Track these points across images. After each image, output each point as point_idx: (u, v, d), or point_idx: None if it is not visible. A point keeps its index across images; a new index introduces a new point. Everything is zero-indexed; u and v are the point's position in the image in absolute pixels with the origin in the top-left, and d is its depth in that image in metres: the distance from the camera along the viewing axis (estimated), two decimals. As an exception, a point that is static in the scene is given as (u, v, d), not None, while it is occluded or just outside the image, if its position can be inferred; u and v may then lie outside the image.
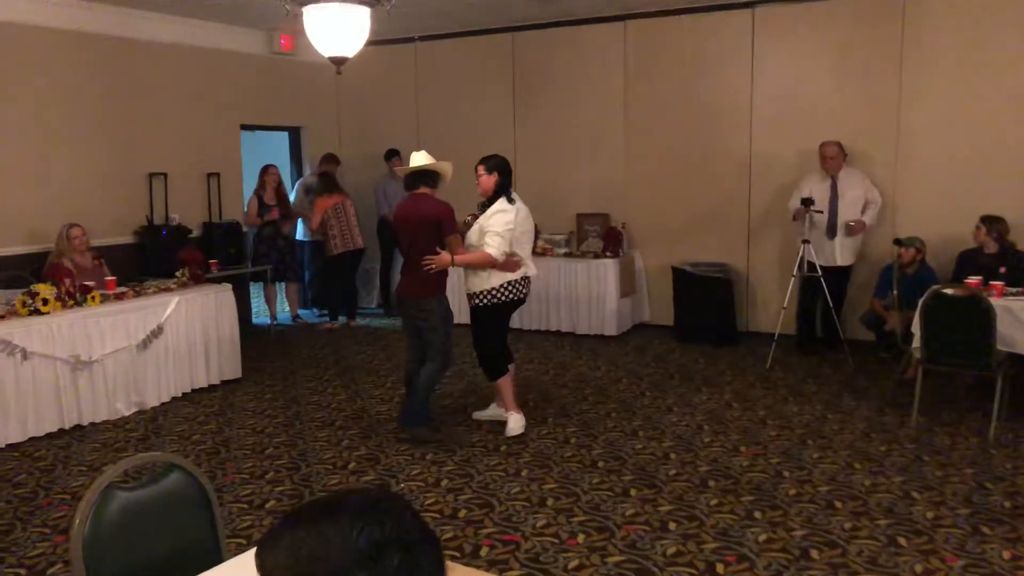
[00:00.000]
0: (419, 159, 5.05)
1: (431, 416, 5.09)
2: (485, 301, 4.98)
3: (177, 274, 6.34)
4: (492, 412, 5.36)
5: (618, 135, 8.11)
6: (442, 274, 4.96)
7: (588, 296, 7.75)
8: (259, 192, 8.18)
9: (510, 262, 4.92)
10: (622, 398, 5.84)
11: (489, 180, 5.03)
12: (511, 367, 5.19)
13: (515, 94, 8.60)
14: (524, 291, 5.08)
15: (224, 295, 6.38)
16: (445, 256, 4.83)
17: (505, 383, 5.10)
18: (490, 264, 4.85)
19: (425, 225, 4.87)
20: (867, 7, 6.94)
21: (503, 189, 5.00)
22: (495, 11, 7.75)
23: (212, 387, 6.23)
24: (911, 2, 6.77)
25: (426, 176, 5.01)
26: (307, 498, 4.22)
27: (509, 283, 4.96)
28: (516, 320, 8.07)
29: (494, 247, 4.82)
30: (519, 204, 5.02)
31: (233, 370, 6.43)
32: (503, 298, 4.98)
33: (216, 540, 2.25)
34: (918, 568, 3.35)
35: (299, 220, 8.72)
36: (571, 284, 7.82)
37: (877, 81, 6.96)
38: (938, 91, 6.76)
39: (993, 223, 5.89)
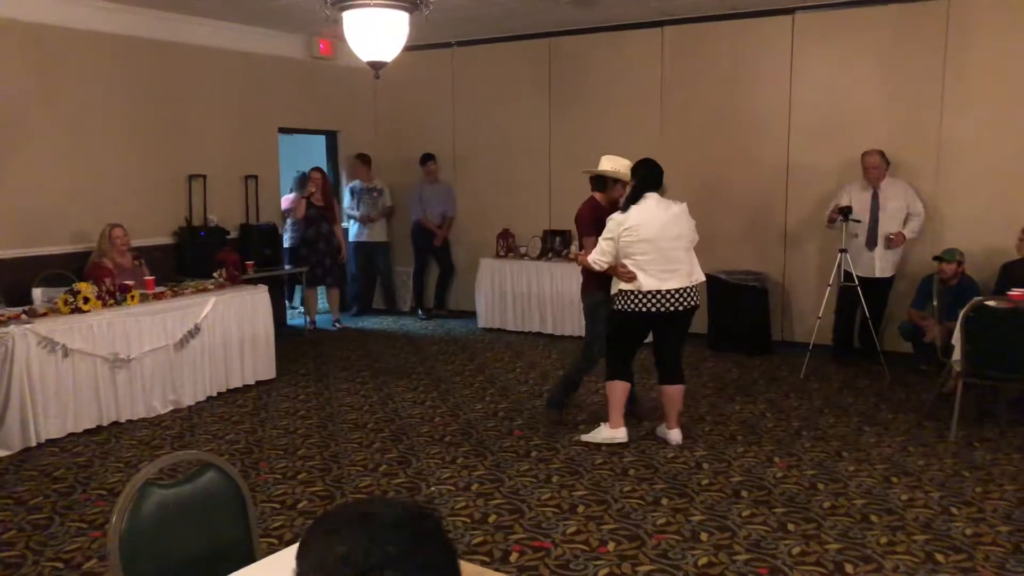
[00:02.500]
0: (602, 164, 5.28)
1: (563, 404, 5.47)
2: (613, 305, 4.94)
3: (214, 275, 6.43)
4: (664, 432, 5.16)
5: (654, 141, 8.06)
6: (595, 274, 4.97)
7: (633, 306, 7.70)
8: (306, 194, 8.27)
9: (620, 271, 4.79)
10: (654, 405, 5.80)
11: (623, 190, 5.10)
12: (626, 385, 5.04)
13: (551, 99, 8.60)
14: (646, 305, 4.75)
15: (260, 296, 6.45)
16: (574, 253, 5.37)
17: (613, 391, 4.99)
18: (588, 267, 4.96)
19: (576, 226, 5.39)
20: (910, 15, 6.83)
21: (631, 197, 4.85)
22: (532, 16, 7.76)
23: (247, 387, 6.31)
24: (955, 10, 6.65)
25: (595, 180, 5.31)
26: (338, 500, 4.25)
27: (623, 292, 4.80)
28: (549, 323, 8.13)
29: (594, 251, 4.88)
30: (639, 210, 4.74)
31: (267, 371, 6.50)
32: (620, 306, 4.85)
33: (249, 539, 2.27)
34: (956, 586, 3.28)
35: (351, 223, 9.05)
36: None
37: (919, 90, 6.84)
38: (981, 100, 6.63)
39: (1036, 234, 5.76)
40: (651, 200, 4.75)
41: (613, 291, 4.91)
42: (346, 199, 9.08)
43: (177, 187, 7.54)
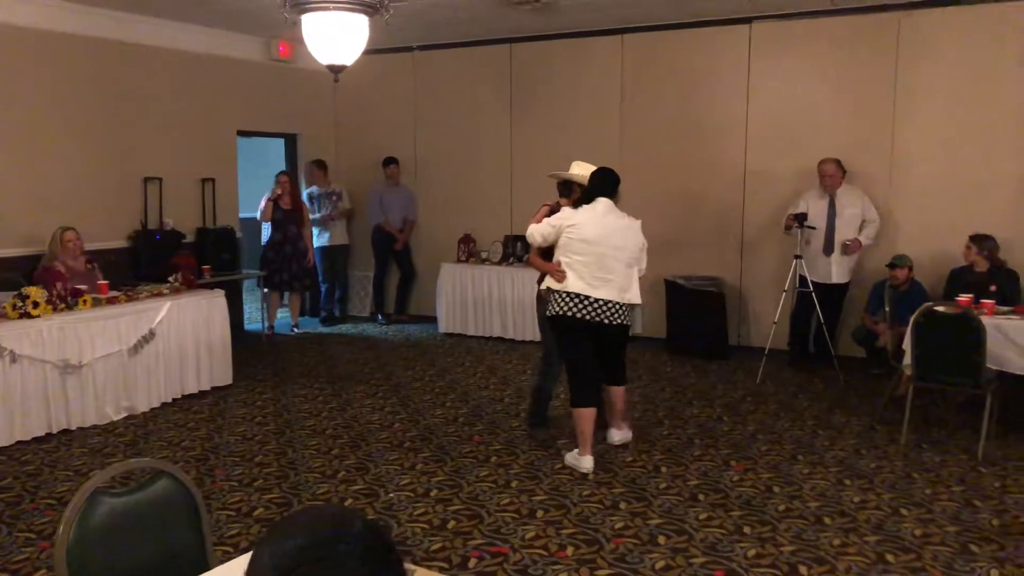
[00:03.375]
0: (572, 168, 5.15)
1: (545, 418, 5.36)
2: (547, 309, 4.77)
3: (170, 279, 6.33)
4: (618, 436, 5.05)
5: (614, 147, 8.12)
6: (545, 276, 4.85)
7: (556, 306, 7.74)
8: (274, 197, 8.19)
9: (551, 267, 4.69)
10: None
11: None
12: (591, 411, 4.70)
13: (512, 105, 8.63)
14: (572, 309, 4.58)
15: (217, 301, 6.37)
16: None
17: (577, 419, 4.68)
18: (539, 268, 4.86)
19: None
20: (863, 26, 6.98)
21: (583, 198, 4.76)
22: (493, 22, 7.78)
23: (203, 393, 6.22)
24: (906, 23, 6.82)
25: (561, 185, 5.19)
26: (295, 507, 4.21)
27: (552, 292, 4.66)
28: (510, 328, 8.13)
29: (533, 227, 4.82)
30: (586, 211, 4.64)
31: (224, 376, 6.42)
32: (551, 310, 4.68)
33: (203, 548, 2.24)
34: (906, 586, 3.35)
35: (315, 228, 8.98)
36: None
37: (872, 100, 7.00)
38: (931, 111, 6.80)
39: (982, 242, 5.92)
40: (601, 205, 4.65)
41: (543, 287, 4.85)
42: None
43: (132, 189, 7.41)
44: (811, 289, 6.56)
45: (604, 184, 4.73)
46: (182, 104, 7.81)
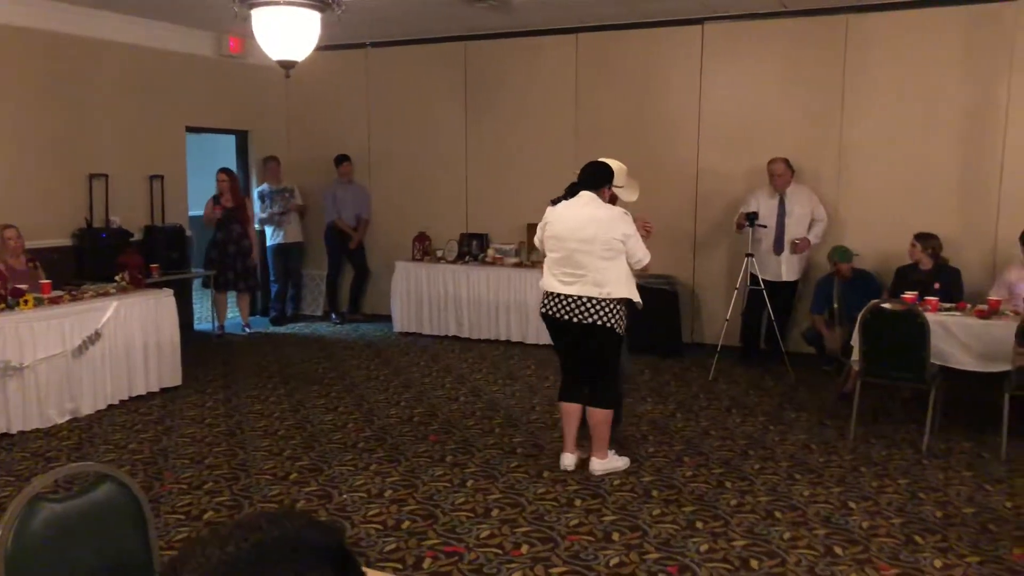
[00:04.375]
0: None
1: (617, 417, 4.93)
2: None
3: (116, 278, 6.18)
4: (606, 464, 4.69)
5: (569, 146, 8.16)
6: None
7: (537, 306, 7.74)
8: (216, 196, 8.04)
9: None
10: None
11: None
12: (568, 406, 4.65)
13: (467, 102, 8.60)
14: (546, 307, 4.57)
15: (165, 300, 6.24)
16: None
17: (561, 412, 4.70)
18: None
19: None
20: (812, 27, 7.11)
21: (566, 193, 4.59)
22: (448, 19, 7.75)
23: (151, 395, 6.08)
24: (853, 25, 6.96)
25: None
26: (246, 509, 4.14)
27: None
28: (465, 327, 8.11)
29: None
30: (563, 206, 4.51)
31: (173, 377, 6.29)
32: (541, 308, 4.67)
33: (149, 553, 2.19)
34: (854, 577, 3.42)
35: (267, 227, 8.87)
36: (520, 293, 7.84)
37: (821, 99, 7.13)
38: (877, 111, 6.95)
39: (926, 240, 6.07)
40: (581, 199, 4.46)
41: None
42: (256, 204, 8.87)
43: (76, 186, 7.22)
44: (762, 287, 6.67)
45: (585, 177, 4.54)
46: (129, 99, 7.64)
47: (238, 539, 0.93)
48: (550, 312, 4.52)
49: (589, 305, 4.38)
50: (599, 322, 4.37)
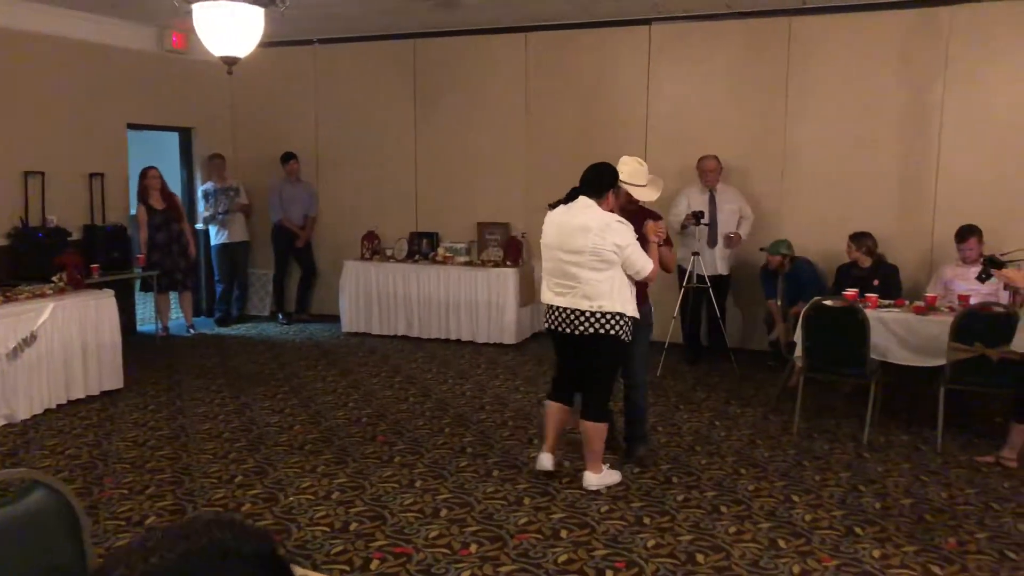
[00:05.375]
0: (620, 166, 4.49)
1: (644, 436, 4.81)
2: None
3: (54, 279, 6.01)
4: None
5: (519, 145, 8.17)
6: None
7: (488, 305, 7.77)
8: (143, 199, 7.85)
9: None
10: (519, 407, 5.87)
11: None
12: (552, 406, 4.49)
13: (416, 100, 8.56)
14: (547, 320, 4.34)
15: (105, 301, 6.08)
16: None
17: (545, 410, 4.58)
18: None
19: None
20: (756, 28, 7.22)
21: (565, 198, 4.32)
22: (397, 16, 7.69)
23: (91, 398, 5.93)
24: (796, 27, 7.09)
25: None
26: (189, 513, 4.06)
27: None
28: (415, 327, 8.06)
29: None
30: (558, 212, 4.27)
31: (114, 380, 6.13)
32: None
33: (83, 561, 2.13)
34: (796, 569, 3.48)
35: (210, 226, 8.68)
36: (471, 292, 7.83)
37: (765, 100, 7.25)
38: (820, 112, 7.10)
39: (860, 239, 6.22)
40: (577, 205, 4.18)
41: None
42: (200, 203, 8.70)
43: (11, 184, 7.00)
44: (708, 285, 6.77)
45: (584, 181, 4.25)
46: (67, 95, 7.43)
47: (164, 549, 0.91)
48: (552, 326, 4.28)
49: (585, 317, 4.13)
50: (601, 331, 4.11)
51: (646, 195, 4.46)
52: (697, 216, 6.78)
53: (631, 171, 4.42)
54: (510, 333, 7.72)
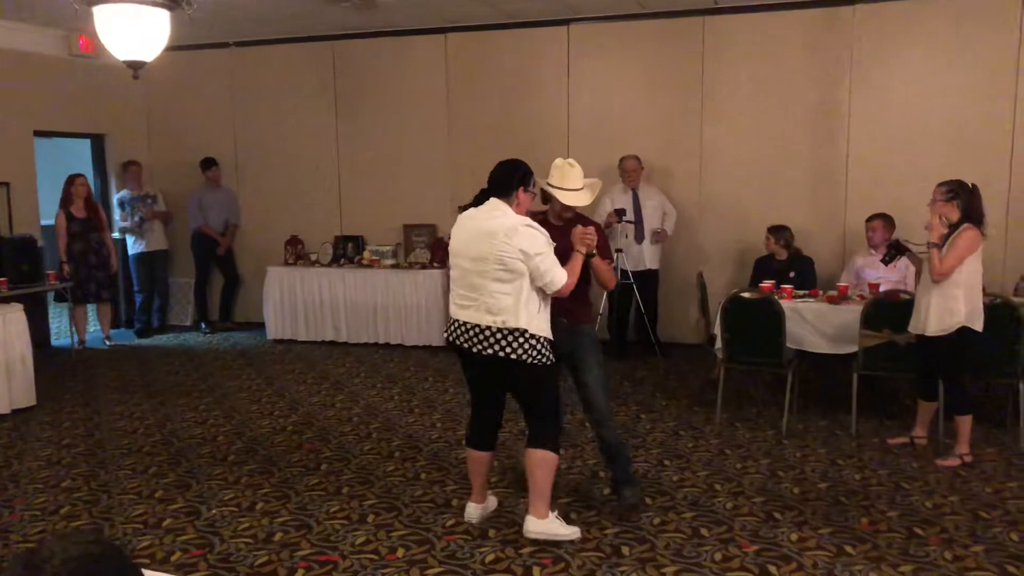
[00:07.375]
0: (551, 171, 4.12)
1: (631, 479, 4.17)
2: None
3: (-43, 294, 5.76)
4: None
5: (442, 146, 8.16)
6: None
7: (416, 308, 7.74)
8: (65, 206, 7.60)
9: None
10: (448, 408, 5.86)
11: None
12: (472, 454, 3.97)
13: (337, 103, 8.46)
14: (448, 331, 3.78)
15: (14, 315, 5.86)
16: None
17: (469, 461, 4.01)
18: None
19: None
20: (671, 28, 7.36)
21: (474, 200, 3.82)
22: (313, 18, 7.59)
23: (1, 417, 5.69)
24: (709, 27, 7.25)
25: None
26: (107, 532, 3.94)
27: None
28: (343, 332, 7.97)
29: None
30: (464, 216, 3.77)
31: (26, 397, 5.91)
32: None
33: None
34: (717, 556, 3.57)
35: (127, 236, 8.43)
36: (399, 295, 7.78)
37: (682, 98, 7.40)
38: (734, 110, 7.28)
39: (778, 232, 6.40)
40: (486, 208, 3.70)
41: None
42: (116, 212, 8.44)
43: (-92, 197, 6.68)
44: (632, 281, 6.87)
45: (491, 179, 3.78)
46: (-33, 102, 7.13)
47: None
48: (451, 339, 3.74)
49: (487, 334, 3.57)
50: (513, 355, 3.54)
51: (574, 200, 3.96)
52: (619, 213, 6.87)
53: (560, 175, 4.00)
54: (439, 335, 7.70)
